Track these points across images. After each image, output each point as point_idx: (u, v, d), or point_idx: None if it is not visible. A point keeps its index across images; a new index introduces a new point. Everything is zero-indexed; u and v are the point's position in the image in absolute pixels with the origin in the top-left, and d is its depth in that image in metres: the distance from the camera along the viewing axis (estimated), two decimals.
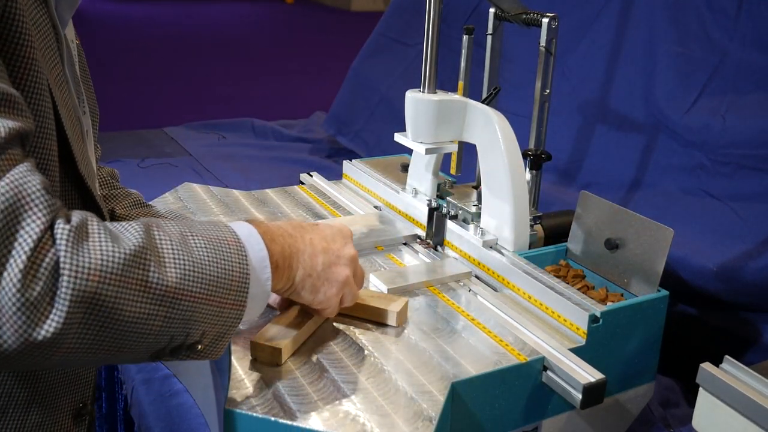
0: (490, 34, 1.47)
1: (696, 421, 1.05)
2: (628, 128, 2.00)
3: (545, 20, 1.34)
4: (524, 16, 1.38)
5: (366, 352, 1.04)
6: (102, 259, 0.73)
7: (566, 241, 1.35)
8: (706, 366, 1.03)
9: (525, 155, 1.38)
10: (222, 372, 1.12)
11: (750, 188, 1.70)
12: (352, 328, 1.10)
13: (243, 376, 0.97)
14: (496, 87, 1.47)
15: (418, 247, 1.41)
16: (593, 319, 1.10)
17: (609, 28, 2.11)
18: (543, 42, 1.35)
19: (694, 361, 1.07)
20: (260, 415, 0.89)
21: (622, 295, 1.23)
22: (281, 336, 1.01)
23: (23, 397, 0.90)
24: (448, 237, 1.39)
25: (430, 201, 1.45)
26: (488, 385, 1.01)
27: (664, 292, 1.18)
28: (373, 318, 1.12)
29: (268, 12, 9.65)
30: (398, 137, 1.39)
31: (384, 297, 1.15)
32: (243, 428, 0.90)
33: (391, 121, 2.70)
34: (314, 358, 1.02)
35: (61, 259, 0.71)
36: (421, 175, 1.51)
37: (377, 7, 9.17)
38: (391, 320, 1.11)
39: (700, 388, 1.03)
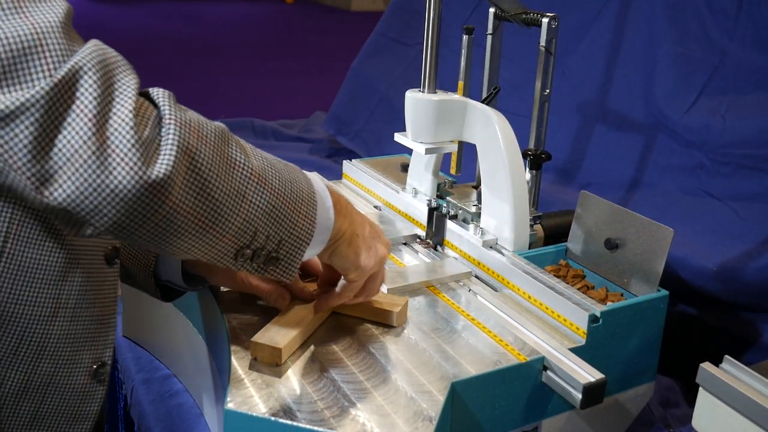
0: (490, 34, 1.47)
1: (696, 421, 1.05)
2: (627, 128, 2.00)
3: (545, 20, 1.34)
4: (524, 16, 1.38)
5: (366, 352, 1.04)
6: (199, 122, 0.80)
7: (566, 241, 1.35)
8: (706, 366, 1.03)
9: (525, 155, 1.38)
10: (222, 372, 1.12)
11: (750, 188, 1.70)
12: (352, 327, 1.10)
13: (243, 376, 0.97)
14: (496, 87, 1.47)
15: (418, 247, 1.41)
16: (593, 319, 1.10)
17: (609, 28, 2.11)
18: (543, 42, 1.35)
19: (694, 361, 1.07)
20: (260, 415, 0.89)
21: (622, 295, 1.23)
22: (281, 335, 1.01)
23: (39, 344, 0.88)
24: (447, 237, 1.39)
25: (429, 201, 1.45)
26: (488, 385, 1.01)
27: (664, 292, 1.18)
28: (373, 318, 1.12)
29: (267, 12, 9.64)
30: (398, 137, 1.39)
31: (384, 297, 1.15)
32: (243, 428, 0.90)
33: (391, 121, 2.70)
34: (314, 357, 1.02)
35: (165, 111, 0.77)
36: (421, 175, 1.51)
37: (377, 7, 9.17)
38: (391, 320, 1.11)
39: (700, 388, 1.03)
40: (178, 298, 1.20)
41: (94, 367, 0.94)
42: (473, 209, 1.39)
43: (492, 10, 1.45)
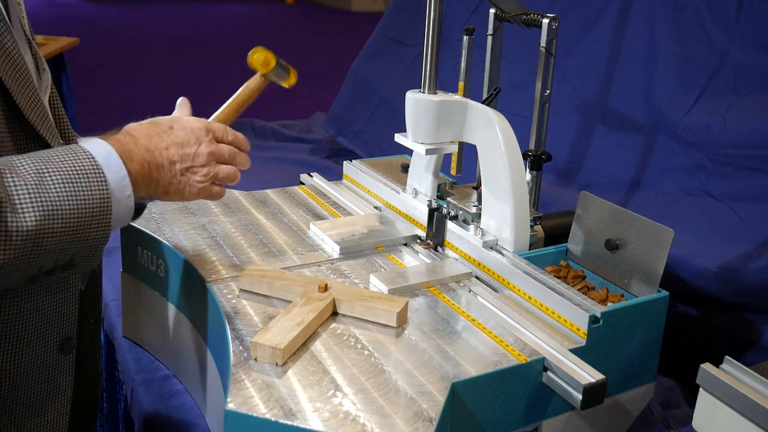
0: (491, 35, 1.47)
1: (696, 422, 1.05)
2: (628, 129, 2.00)
3: (545, 21, 1.34)
4: (524, 17, 1.38)
5: (366, 352, 1.04)
6: None
7: (566, 241, 1.35)
8: (707, 366, 1.03)
9: (525, 156, 1.38)
10: (222, 372, 1.12)
11: (750, 189, 1.70)
12: (352, 328, 1.11)
13: (243, 377, 0.97)
14: (496, 87, 1.47)
15: (418, 247, 1.41)
16: (593, 319, 1.10)
17: (609, 28, 2.11)
18: (543, 43, 1.35)
19: (694, 362, 1.07)
20: (260, 416, 0.89)
21: (622, 295, 1.23)
22: (281, 336, 1.01)
23: (6, 328, 0.94)
24: (448, 237, 1.39)
25: (430, 201, 1.45)
26: (488, 386, 1.01)
27: (665, 293, 1.18)
28: (373, 319, 1.12)
29: (268, 13, 9.65)
30: (398, 138, 1.39)
31: (384, 298, 1.16)
32: (243, 429, 0.90)
33: (391, 122, 2.70)
34: (314, 358, 1.02)
35: None
36: (422, 176, 1.51)
37: (377, 7, 9.18)
38: (391, 321, 1.11)
39: (701, 389, 1.03)
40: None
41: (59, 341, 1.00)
42: (473, 210, 1.39)
43: (492, 10, 1.45)
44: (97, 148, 0.93)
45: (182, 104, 1.22)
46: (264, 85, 1.30)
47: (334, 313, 1.14)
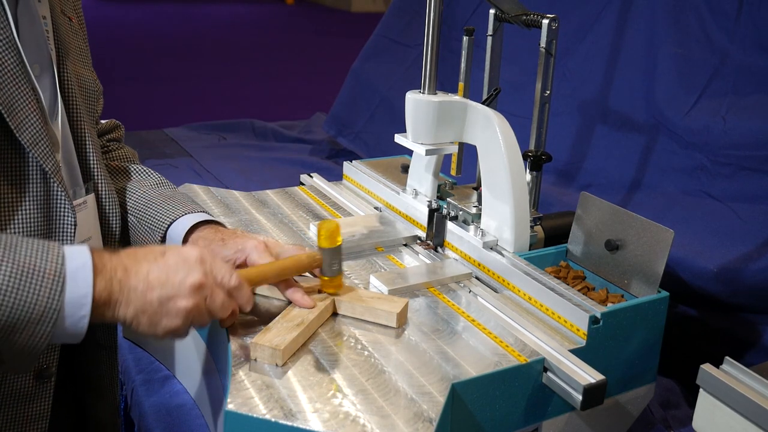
0: (491, 35, 1.47)
1: (696, 422, 1.05)
2: (628, 129, 2.00)
3: (545, 21, 1.34)
4: (524, 18, 1.38)
5: (366, 353, 1.04)
6: None
7: (566, 242, 1.35)
8: (707, 367, 1.03)
9: (525, 156, 1.38)
10: (222, 373, 1.12)
11: (750, 189, 1.70)
12: (352, 328, 1.10)
13: (243, 377, 0.97)
14: (496, 88, 1.47)
15: (418, 248, 1.41)
16: (593, 320, 1.10)
17: (609, 29, 2.11)
18: (543, 43, 1.35)
19: (694, 363, 1.07)
20: (260, 416, 0.89)
21: (622, 296, 1.23)
22: (281, 337, 1.01)
23: None
24: (448, 238, 1.39)
25: (430, 202, 1.45)
26: (488, 386, 1.01)
27: (665, 294, 1.18)
28: (373, 319, 1.12)
29: (268, 13, 9.65)
30: (398, 138, 1.39)
31: (384, 298, 1.15)
32: (243, 429, 0.90)
33: (391, 122, 2.70)
34: (314, 358, 1.02)
35: None
36: (422, 176, 1.51)
37: (377, 8, 9.18)
38: (391, 321, 1.11)
39: (701, 389, 1.03)
40: None
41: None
42: (473, 210, 1.39)
43: (492, 11, 1.45)
44: (76, 255, 0.87)
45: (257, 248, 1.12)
46: (314, 266, 1.13)
47: (334, 314, 1.14)
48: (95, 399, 1.18)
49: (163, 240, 1.16)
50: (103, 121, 1.33)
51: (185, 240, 1.15)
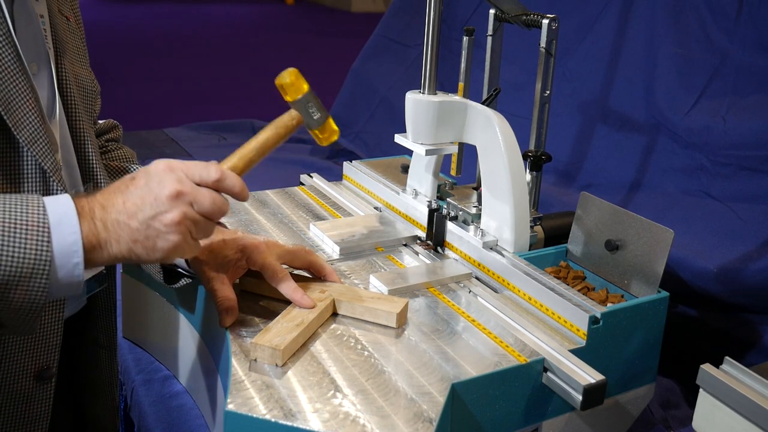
0: (491, 36, 1.47)
1: (696, 423, 1.05)
2: (628, 129, 2.00)
3: (545, 21, 1.34)
4: (524, 18, 1.38)
5: (366, 353, 1.04)
6: None
7: (566, 242, 1.35)
8: (707, 367, 1.03)
9: (525, 156, 1.38)
10: (222, 373, 1.12)
11: (750, 190, 1.70)
12: (352, 329, 1.10)
13: (243, 377, 0.97)
14: (496, 88, 1.47)
15: (418, 248, 1.41)
16: (593, 320, 1.10)
17: (609, 29, 2.11)
18: (543, 43, 1.35)
19: (694, 363, 1.07)
20: (260, 417, 0.89)
21: (622, 296, 1.23)
22: (281, 337, 1.01)
23: None
24: (448, 238, 1.39)
25: (430, 202, 1.45)
26: (488, 387, 1.01)
27: (665, 294, 1.18)
28: (373, 320, 1.12)
29: (268, 13, 9.65)
30: (398, 138, 1.39)
31: (384, 298, 1.15)
32: (243, 429, 0.90)
33: (391, 123, 2.71)
34: (314, 358, 1.02)
35: None
36: (422, 177, 1.51)
37: (377, 8, 9.18)
38: (391, 322, 1.11)
39: (701, 390, 1.03)
40: (178, 283, 1.19)
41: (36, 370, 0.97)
42: (473, 210, 1.39)
43: (492, 11, 1.45)
44: (57, 203, 0.85)
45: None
46: (294, 124, 1.07)
47: (334, 314, 1.14)
48: (94, 399, 1.18)
49: None
50: (100, 122, 1.33)
51: None
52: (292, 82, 1.06)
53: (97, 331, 1.12)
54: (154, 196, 0.88)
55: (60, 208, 0.84)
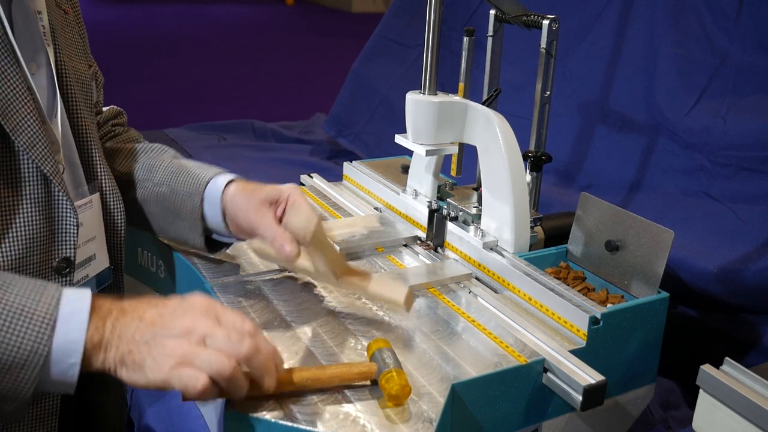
0: (491, 36, 1.47)
1: (696, 423, 1.05)
2: (628, 130, 2.00)
3: (546, 22, 1.34)
4: (525, 18, 1.38)
5: (366, 353, 1.04)
6: None
7: (566, 242, 1.35)
8: (707, 368, 1.03)
9: (525, 157, 1.38)
10: None
11: (750, 190, 1.70)
12: (352, 329, 1.10)
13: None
14: (496, 88, 1.47)
15: (418, 248, 1.41)
16: (594, 320, 1.10)
17: (609, 30, 2.11)
18: (543, 44, 1.35)
19: (694, 363, 1.07)
20: (261, 417, 0.89)
21: (622, 296, 1.23)
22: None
23: None
24: (448, 238, 1.39)
25: (430, 202, 1.45)
26: (488, 387, 1.01)
27: (665, 294, 1.18)
28: (383, 293, 1.10)
29: (268, 13, 9.65)
30: (398, 139, 1.39)
31: (390, 282, 1.15)
32: (243, 429, 0.90)
33: (391, 123, 2.71)
34: (314, 359, 1.02)
35: None
36: (422, 177, 1.51)
37: (378, 8, 9.18)
38: (400, 295, 1.08)
39: (701, 390, 1.03)
40: (221, 250, 1.24)
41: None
42: (474, 211, 1.39)
43: (493, 12, 1.45)
44: (74, 298, 0.81)
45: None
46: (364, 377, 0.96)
47: (335, 313, 1.14)
48: (103, 394, 1.17)
49: (202, 202, 1.16)
50: (105, 108, 1.33)
51: (222, 198, 1.16)
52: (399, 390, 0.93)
53: None
54: (175, 323, 0.82)
55: (75, 305, 0.81)
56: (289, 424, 0.88)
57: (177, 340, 0.81)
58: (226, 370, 0.81)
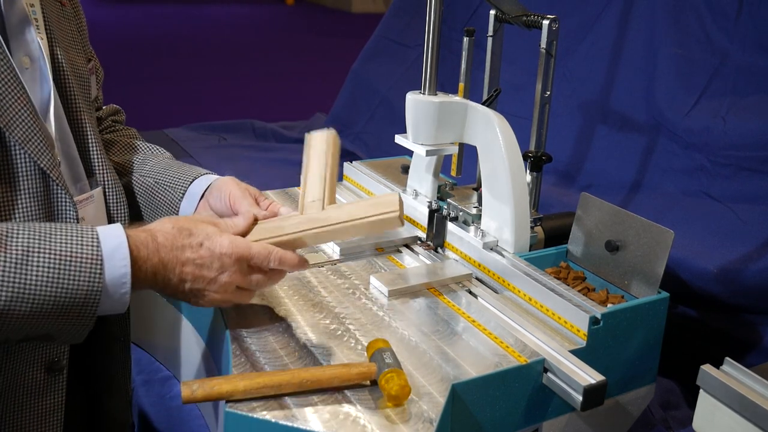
0: (491, 36, 1.47)
1: (696, 423, 1.05)
2: (628, 130, 2.00)
3: (546, 22, 1.34)
4: (525, 18, 1.38)
5: (366, 353, 1.04)
6: None
7: (567, 243, 1.35)
8: (707, 368, 1.03)
9: (525, 157, 1.38)
10: (222, 373, 1.11)
11: (750, 190, 1.70)
12: (352, 329, 1.10)
13: None
14: (496, 89, 1.47)
15: (418, 248, 1.41)
16: (594, 320, 1.10)
17: (609, 30, 2.11)
18: (543, 44, 1.35)
19: (694, 363, 1.07)
20: (261, 417, 0.89)
21: (622, 296, 1.23)
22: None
23: None
24: (448, 239, 1.39)
25: (430, 203, 1.45)
26: (488, 387, 1.01)
27: (665, 294, 1.18)
28: (373, 211, 1.04)
29: (268, 13, 9.65)
30: (399, 139, 1.39)
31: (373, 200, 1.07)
32: (243, 430, 0.90)
33: (391, 123, 2.71)
34: (313, 358, 1.02)
35: None
36: (422, 177, 1.51)
37: (378, 8, 9.18)
38: (393, 207, 1.03)
39: (701, 390, 1.03)
40: None
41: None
42: (474, 211, 1.39)
43: (493, 12, 1.45)
44: (110, 236, 0.89)
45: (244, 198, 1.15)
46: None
47: (333, 313, 1.14)
48: (108, 392, 1.17)
49: (183, 196, 1.19)
50: (104, 107, 1.33)
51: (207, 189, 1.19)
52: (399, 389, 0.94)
53: (111, 322, 1.11)
54: (212, 278, 0.97)
55: (113, 241, 0.88)
56: (289, 424, 0.88)
57: (216, 294, 0.98)
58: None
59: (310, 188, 1.08)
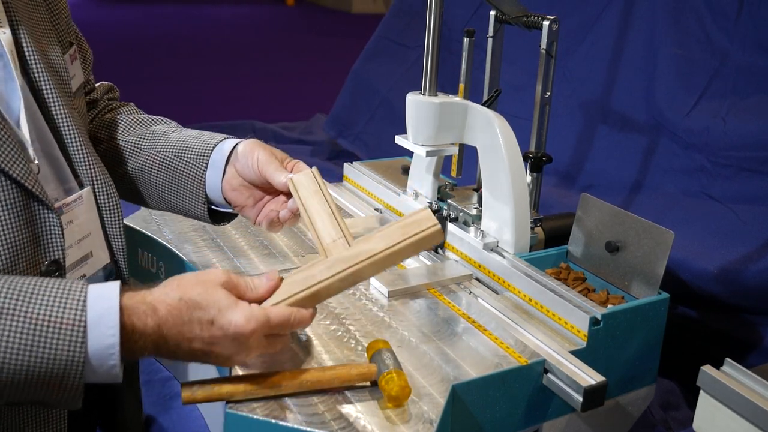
0: (491, 37, 1.47)
1: (697, 424, 1.05)
2: (628, 130, 2.00)
3: (546, 23, 1.34)
4: (525, 19, 1.38)
5: (366, 353, 1.04)
6: None
7: (567, 243, 1.35)
8: (707, 368, 1.03)
9: (525, 157, 1.38)
10: (222, 374, 1.12)
11: (751, 190, 1.70)
12: (353, 330, 1.10)
13: None
14: (496, 89, 1.47)
15: None
16: (594, 321, 1.10)
17: (610, 30, 2.11)
18: (544, 44, 1.35)
19: (694, 364, 1.07)
20: (261, 417, 0.89)
21: (622, 297, 1.23)
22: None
23: None
24: (448, 239, 1.39)
25: (430, 203, 1.45)
26: (489, 388, 1.01)
27: (665, 295, 1.18)
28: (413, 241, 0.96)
29: (268, 14, 9.65)
30: (399, 139, 1.39)
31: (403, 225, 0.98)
32: (244, 430, 0.90)
33: (391, 124, 2.71)
34: (314, 359, 1.02)
35: None
36: (422, 178, 1.51)
37: (378, 9, 9.17)
38: (431, 221, 0.95)
39: (701, 391, 1.03)
40: (223, 222, 1.19)
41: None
42: (474, 212, 1.39)
43: (493, 12, 1.45)
44: (101, 297, 0.79)
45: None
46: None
47: (333, 313, 1.14)
48: (116, 390, 1.15)
49: (206, 166, 1.12)
50: (96, 84, 1.27)
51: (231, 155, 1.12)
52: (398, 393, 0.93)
53: None
54: (221, 354, 0.86)
55: (102, 305, 0.78)
56: (289, 424, 0.88)
57: (220, 358, 0.87)
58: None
59: (322, 229, 1.03)
